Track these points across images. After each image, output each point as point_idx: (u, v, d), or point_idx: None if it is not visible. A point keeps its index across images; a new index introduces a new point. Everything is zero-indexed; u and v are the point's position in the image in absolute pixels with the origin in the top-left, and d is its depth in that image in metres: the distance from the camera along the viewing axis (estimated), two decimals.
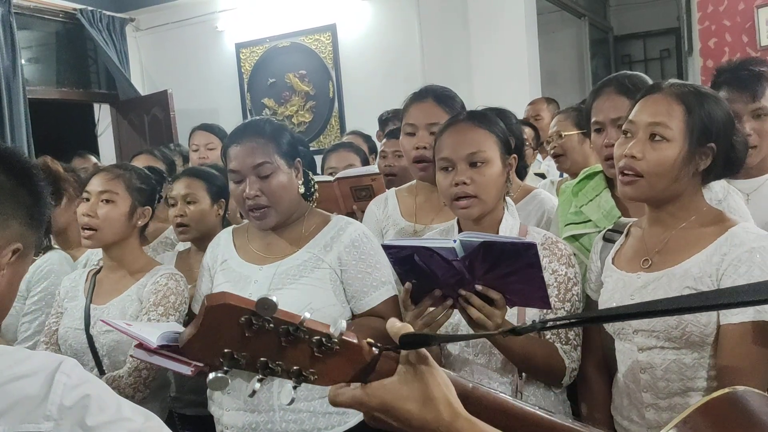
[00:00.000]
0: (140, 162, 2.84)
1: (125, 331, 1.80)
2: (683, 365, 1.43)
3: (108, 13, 6.40)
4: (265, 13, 6.13)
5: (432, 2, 5.51)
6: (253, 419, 1.74)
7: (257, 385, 0.79)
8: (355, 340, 0.80)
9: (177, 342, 1.64)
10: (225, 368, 0.77)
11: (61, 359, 0.95)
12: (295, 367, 0.78)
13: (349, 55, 5.95)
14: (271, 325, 0.76)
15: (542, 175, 3.70)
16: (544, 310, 1.58)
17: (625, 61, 8.09)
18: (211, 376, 0.78)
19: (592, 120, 1.90)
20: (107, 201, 2.00)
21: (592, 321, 0.81)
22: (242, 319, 0.75)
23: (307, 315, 0.78)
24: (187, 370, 1.68)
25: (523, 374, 1.63)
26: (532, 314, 1.62)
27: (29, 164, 1.12)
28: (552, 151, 2.82)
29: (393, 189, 2.31)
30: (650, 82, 1.75)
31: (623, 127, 1.52)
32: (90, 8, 6.23)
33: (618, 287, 1.54)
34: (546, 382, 1.65)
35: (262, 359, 0.77)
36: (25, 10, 5.80)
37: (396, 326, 0.83)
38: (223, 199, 2.40)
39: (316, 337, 0.78)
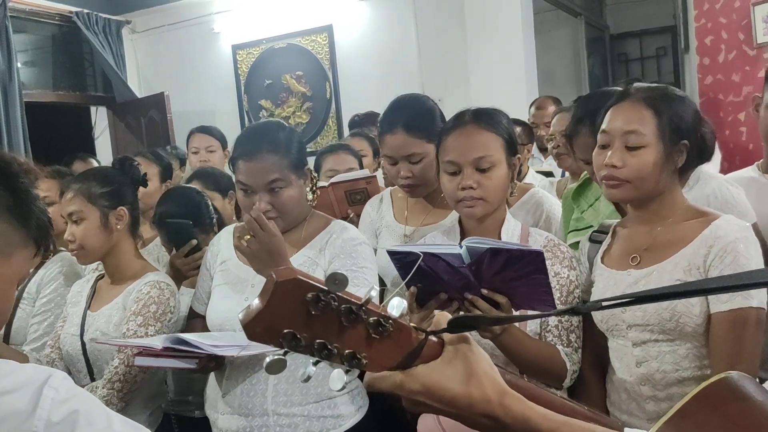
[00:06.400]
0: None
1: (123, 344, 1.82)
2: (678, 356, 1.48)
3: (104, 15, 6.39)
4: (262, 14, 6.12)
5: (428, 2, 5.52)
6: (248, 423, 1.74)
7: (312, 370, 0.75)
8: (406, 323, 0.77)
9: (180, 344, 1.66)
10: (284, 350, 0.73)
11: (50, 373, 0.93)
12: (348, 351, 0.74)
13: (345, 56, 5.94)
14: (336, 303, 0.72)
15: (550, 174, 3.68)
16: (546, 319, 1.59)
17: (622, 60, 8.08)
18: (268, 359, 0.74)
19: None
20: (77, 221, 1.97)
21: (651, 299, 0.83)
22: (309, 295, 0.71)
23: (374, 293, 0.75)
24: (192, 363, 1.69)
25: (525, 375, 1.63)
26: (533, 324, 1.63)
27: (7, 162, 1.08)
28: (555, 150, 2.80)
29: (388, 189, 2.28)
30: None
31: (599, 137, 1.57)
32: (86, 11, 6.21)
33: (609, 285, 1.58)
34: (547, 383, 1.65)
35: (319, 341, 0.73)
36: (20, 13, 5.79)
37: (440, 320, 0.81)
38: (214, 221, 2.35)
39: (374, 318, 0.74)
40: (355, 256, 1.78)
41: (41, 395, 0.89)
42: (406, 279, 1.13)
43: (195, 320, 1.98)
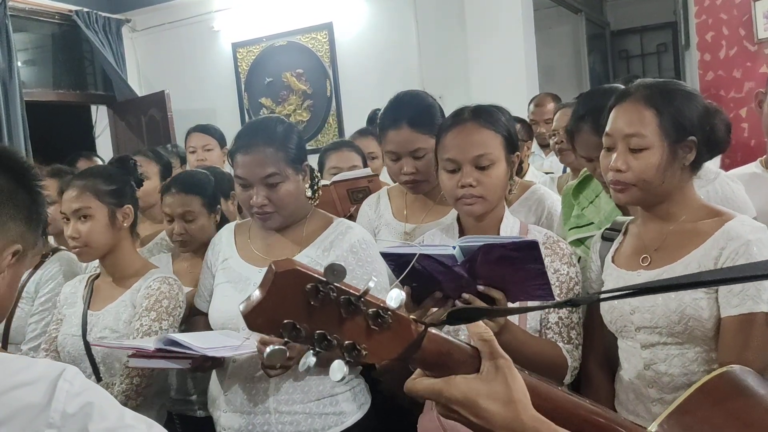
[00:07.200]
0: None
1: (119, 346, 1.83)
2: (686, 359, 1.46)
3: (104, 14, 6.39)
4: (262, 12, 6.12)
5: None
6: (250, 421, 1.75)
7: (313, 360, 0.75)
8: (405, 315, 0.78)
9: (172, 345, 1.66)
10: (285, 340, 0.74)
11: (63, 367, 0.95)
12: (348, 342, 0.75)
13: (346, 54, 5.94)
14: (334, 294, 0.73)
15: (550, 174, 3.68)
16: (546, 311, 1.59)
17: (623, 56, 8.08)
18: (269, 349, 0.75)
19: None
20: (84, 217, 1.95)
21: (648, 291, 0.85)
22: (308, 286, 0.72)
23: (372, 284, 0.75)
24: (186, 364, 1.70)
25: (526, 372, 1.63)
26: (532, 316, 1.63)
27: (26, 164, 1.12)
28: (557, 147, 2.79)
29: (385, 188, 2.29)
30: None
31: (603, 140, 1.53)
32: (86, 9, 6.21)
33: (618, 285, 1.54)
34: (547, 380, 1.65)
35: (319, 332, 0.74)
36: (20, 12, 5.78)
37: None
38: (219, 205, 2.35)
39: (373, 309, 0.75)
40: (370, 261, 1.78)
41: (56, 388, 0.92)
42: (400, 278, 1.14)
43: (197, 317, 2.00)
